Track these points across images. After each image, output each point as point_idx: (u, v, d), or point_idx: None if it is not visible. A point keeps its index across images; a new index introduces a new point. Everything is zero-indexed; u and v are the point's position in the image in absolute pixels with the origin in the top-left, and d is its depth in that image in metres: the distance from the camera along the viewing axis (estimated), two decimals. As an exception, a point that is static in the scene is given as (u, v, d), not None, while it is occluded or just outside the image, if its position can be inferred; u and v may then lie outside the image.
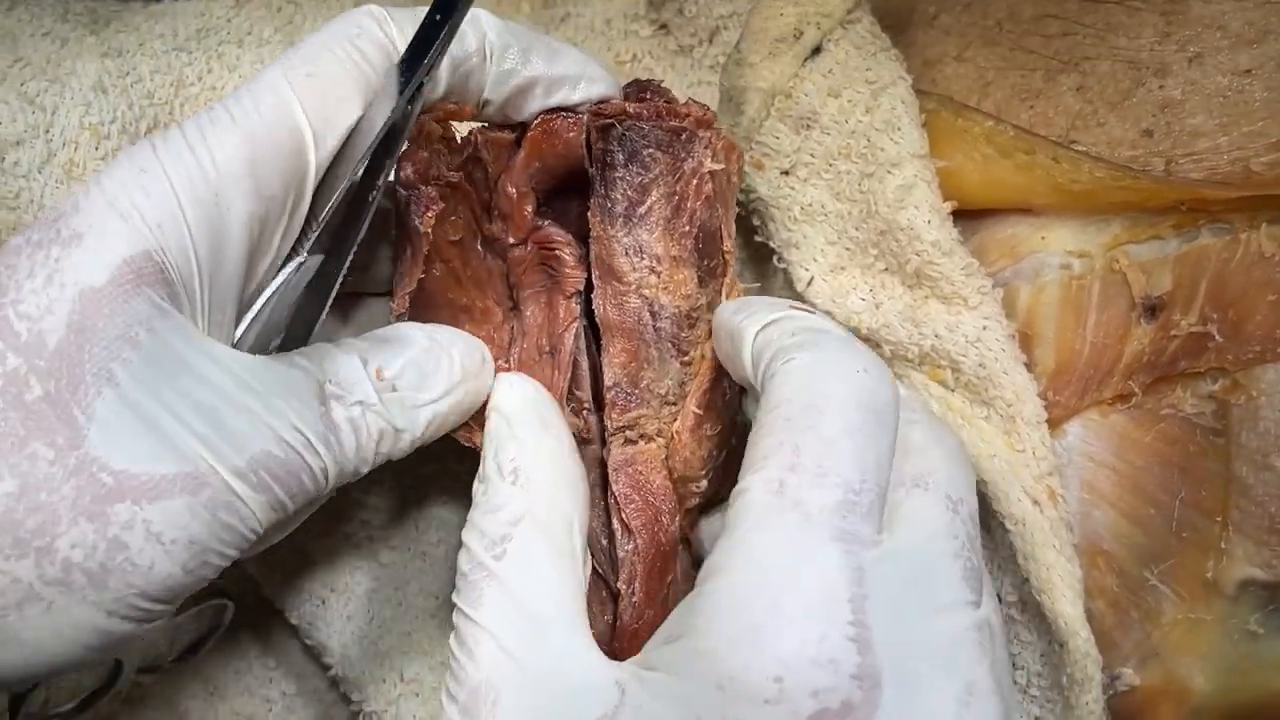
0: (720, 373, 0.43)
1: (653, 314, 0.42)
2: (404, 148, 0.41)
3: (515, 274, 0.45)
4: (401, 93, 0.38)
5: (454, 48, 0.39)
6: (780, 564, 0.32)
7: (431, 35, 0.37)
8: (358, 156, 0.38)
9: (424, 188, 0.42)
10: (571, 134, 0.43)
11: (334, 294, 0.40)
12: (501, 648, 0.36)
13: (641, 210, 0.42)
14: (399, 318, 0.43)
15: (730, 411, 0.45)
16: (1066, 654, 0.44)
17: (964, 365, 0.47)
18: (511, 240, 0.45)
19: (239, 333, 0.39)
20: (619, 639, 0.43)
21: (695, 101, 0.43)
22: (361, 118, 0.38)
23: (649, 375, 0.43)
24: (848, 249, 0.50)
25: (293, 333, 0.40)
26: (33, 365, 0.32)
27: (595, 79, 0.44)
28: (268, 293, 0.39)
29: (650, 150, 0.41)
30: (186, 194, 0.35)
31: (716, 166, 0.42)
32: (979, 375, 0.47)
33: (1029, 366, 0.48)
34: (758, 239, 0.52)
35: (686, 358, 0.43)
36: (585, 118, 0.43)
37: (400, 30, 0.39)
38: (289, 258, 0.39)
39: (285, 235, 0.38)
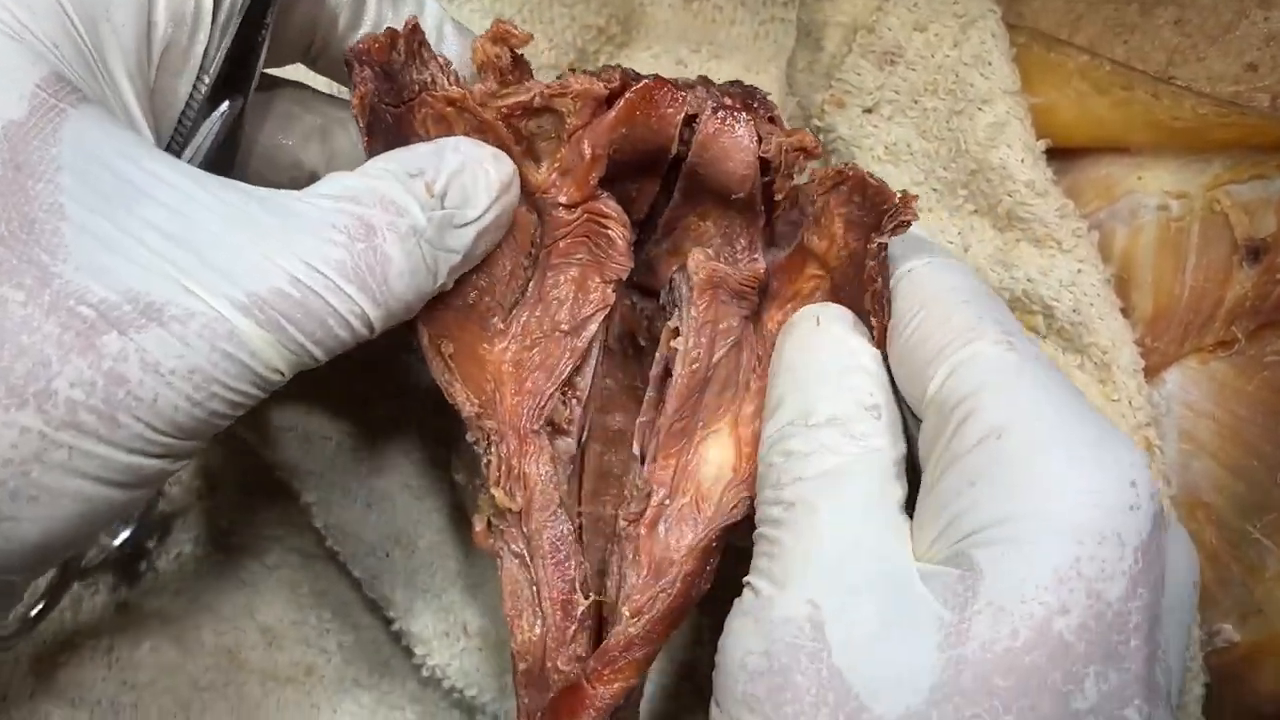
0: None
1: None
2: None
3: (551, 236, 0.42)
4: None
5: None
6: (1065, 399, 0.33)
7: None
8: None
9: (359, 66, 0.39)
10: (670, 109, 0.40)
11: (240, 142, 0.39)
12: (845, 537, 0.33)
13: None
14: None
15: None
16: (1163, 609, 0.43)
17: (1057, 311, 0.45)
18: (563, 200, 0.42)
19: None
20: (594, 655, 0.40)
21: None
22: None
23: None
24: (935, 189, 0.48)
25: None
26: None
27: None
28: (204, 131, 0.38)
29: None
30: (73, 6, 0.33)
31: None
32: (1072, 321, 0.45)
33: (1125, 312, 0.46)
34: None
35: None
36: (688, 97, 0.40)
37: None
38: (211, 104, 0.38)
39: (189, 61, 0.37)
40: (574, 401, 0.43)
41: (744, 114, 0.39)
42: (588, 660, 0.40)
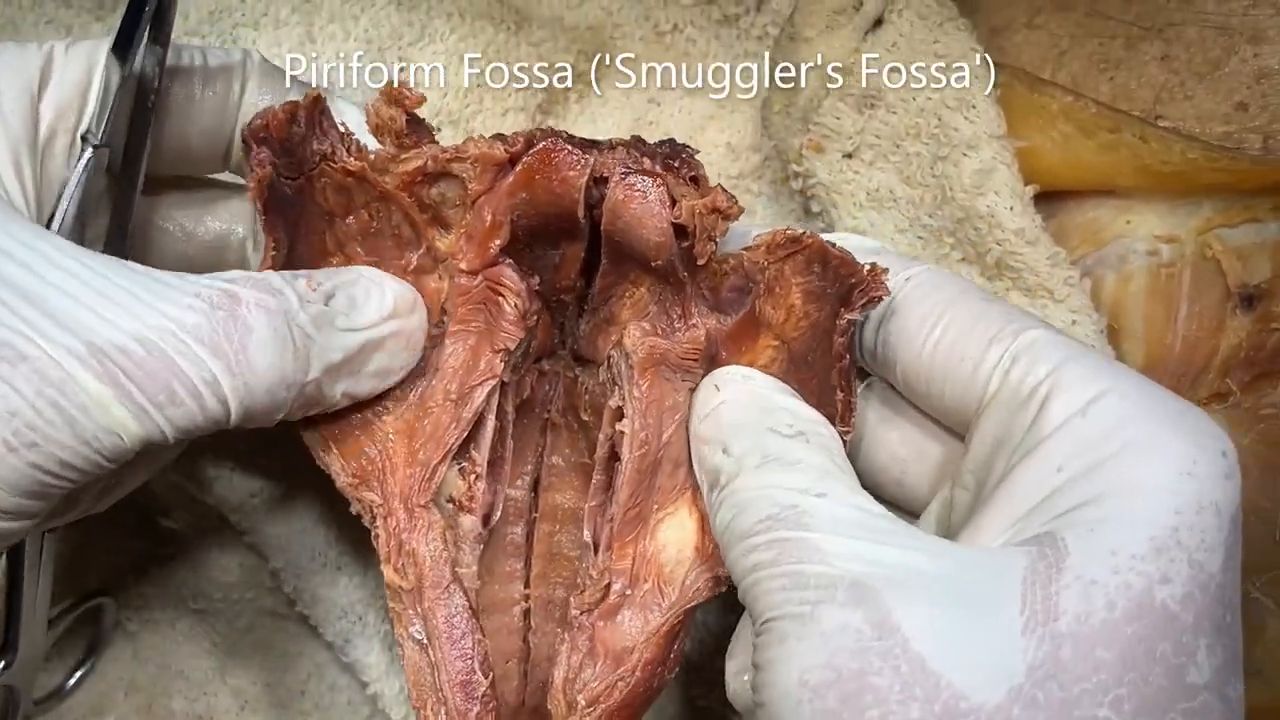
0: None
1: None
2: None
3: (454, 303, 0.40)
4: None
5: None
6: (1138, 376, 0.33)
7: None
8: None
9: (257, 146, 0.37)
10: (571, 172, 0.38)
11: (137, 193, 0.38)
12: (859, 538, 0.31)
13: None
14: None
15: None
16: (1162, 671, 0.42)
17: (1048, 363, 0.44)
18: (464, 267, 0.40)
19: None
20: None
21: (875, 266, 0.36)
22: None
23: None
24: (920, 237, 0.46)
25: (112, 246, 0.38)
26: None
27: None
28: (70, 186, 0.36)
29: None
30: None
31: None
32: (1064, 373, 0.44)
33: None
34: (820, 226, 0.49)
35: None
36: (593, 159, 0.38)
37: None
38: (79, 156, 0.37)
39: (73, 145, 0.37)
40: (473, 476, 0.40)
41: (654, 179, 0.37)
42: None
